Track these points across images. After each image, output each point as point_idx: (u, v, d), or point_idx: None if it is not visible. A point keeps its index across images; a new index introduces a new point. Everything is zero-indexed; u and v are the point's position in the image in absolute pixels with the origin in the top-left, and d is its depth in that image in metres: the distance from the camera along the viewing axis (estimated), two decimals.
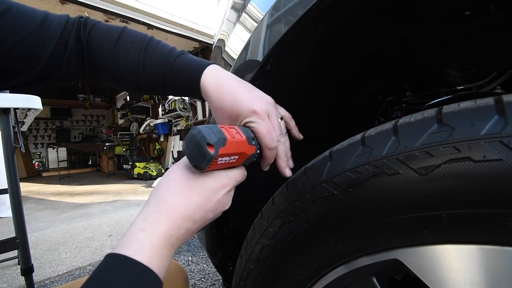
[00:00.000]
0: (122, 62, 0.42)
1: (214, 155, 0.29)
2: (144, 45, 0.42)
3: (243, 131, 0.35)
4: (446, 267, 0.27)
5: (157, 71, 0.42)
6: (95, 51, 0.42)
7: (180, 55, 0.42)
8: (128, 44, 0.42)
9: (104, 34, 0.42)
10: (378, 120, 0.90)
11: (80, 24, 0.42)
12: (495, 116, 0.24)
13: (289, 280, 0.42)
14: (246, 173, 0.38)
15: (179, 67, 0.41)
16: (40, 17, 0.38)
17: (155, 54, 0.42)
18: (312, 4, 0.40)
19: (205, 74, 0.41)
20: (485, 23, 0.48)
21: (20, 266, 1.29)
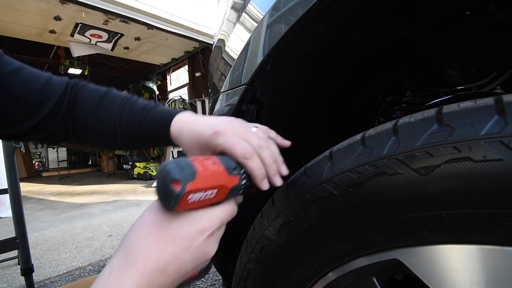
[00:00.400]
0: (103, 116, 0.45)
1: (180, 193, 0.25)
2: (124, 102, 0.45)
3: (222, 160, 0.31)
4: (446, 267, 0.27)
5: (132, 122, 0.44)
6: (79, 108, 0.45)
7: (153, 107, 0.45)
8: (110, 102, 0.45)
9: (90, 93, 0.46)
10: (378, 120, 0.90)
11: (72, 86, 0.47)
12: (495, 116, 0.24)
13: (289, 280, 0.42)
14: (235, 209, 0.33)
15: (152, 117, 0.44)
16: (45, 77, 0.44)
17: (132, 108, 0.45)
18: (312, 4, 0.40)
19: (174, 121, 0.42)
20: (485, 23, 0.48)
21: (20, 266, 1.29)
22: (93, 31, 4.66)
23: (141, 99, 0.47)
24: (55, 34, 4.78)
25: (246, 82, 0.53)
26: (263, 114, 0.58)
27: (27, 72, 0.43)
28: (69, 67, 6.53)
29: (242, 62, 0.55)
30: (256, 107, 0.56)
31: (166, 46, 5.67)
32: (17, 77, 0.41)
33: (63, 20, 4.25)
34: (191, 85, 6.38)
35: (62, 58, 6.41)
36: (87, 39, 4.93)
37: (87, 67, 6.77)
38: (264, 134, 0.38)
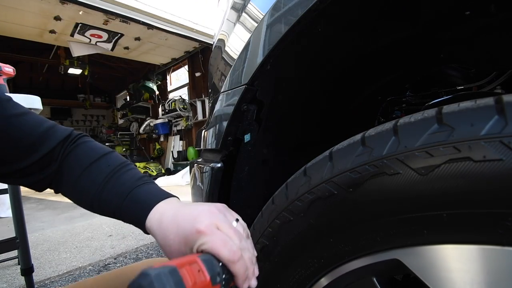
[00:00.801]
0: (84, 184, 0.43)
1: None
2: (115, 171, 0.43)
3: (207, 265, 0.28)
4: (446, 267, 0.27)
5: (110, 203, 0.42)
6: (68, 165, 0.44)
7: (133, 190, 0.41)
8: (98, 171, 0.43)
9: (84, 153, 0.44)
10: (378, 120, 0.90)
11: (72, 140, 0.45)
12: (495, 116, 0.24)
13: (289, 280, 0.42)
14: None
15: (129, 205, 0.40)
16: (48, 125, 0.44)
17: (114, 186, 0.42)
18: (312, 4, 0.40)
19: (151, 213, 0.39)
20: (485, 23, 0.48)
21: (20, 266, 1.29)
22: (93, 31, 4.67)
23: (132, 171, 0.44)
24: (55, 34, 4.78)
25: (246, 82, 0.53)
26: (263, 114, 0.58)
27: (30, 117, 0.43)
28: (69, 67, 6.54)
29: (242, 62, 0.55)
30: (256, 107, 0.56)
31: (166, 46, 5.67)
32: (19, 121, 0.41)
33: (63, 20, 4.25)
34: (191, 85, 6.38)
35: (62, 58, 6.41)
36: (87, 39, 4.93)
37: (87, 67, 6.77)
38: (243, 231, 0.36)
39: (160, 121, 7.06)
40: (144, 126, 7.53)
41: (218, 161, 0.59)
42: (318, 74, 0.61)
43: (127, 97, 9.16)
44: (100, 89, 10.26)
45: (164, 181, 5.24)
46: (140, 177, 0.43)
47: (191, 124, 6.28)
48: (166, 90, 7.47)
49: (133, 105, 8.06)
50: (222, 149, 0.58)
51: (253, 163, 0.63)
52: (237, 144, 0.59)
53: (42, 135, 0.43)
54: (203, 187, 0.63)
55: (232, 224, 0.35)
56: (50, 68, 7.87)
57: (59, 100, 9.40)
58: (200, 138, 0.75)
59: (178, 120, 6.77)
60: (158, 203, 0.39)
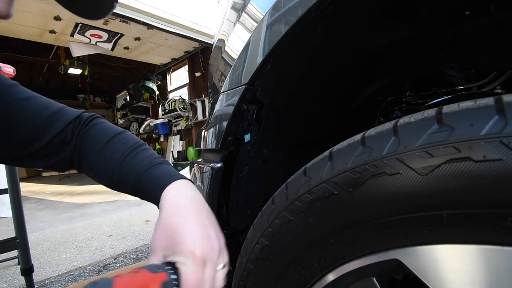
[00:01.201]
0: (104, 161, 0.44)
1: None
2: (128, 152, 0.44)
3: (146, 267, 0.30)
4: (446, 267, 0.27)
5: (128, 178, 0.43)
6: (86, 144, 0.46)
7: (152, 167, 0.42)
8: (115, 147, 0.45)
9: (100, 133, 0.46)
10: (378, 120, 0.90)
11: (86, 121, 0.47)
12: (495, 116, 0.24)
13: (289, 280, 0.42)
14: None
15: (149, 176, 0.42)
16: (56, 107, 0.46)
17: (132, 162, 0.43)
18: (312, 4, 0.40)
19: (168, 188, 0.40)
20: (485, 23, 0.48)
21: (20, 266, 1.29)
22: (93, 31, 4.67)
23: (147, 150, 0.45)
24: (55, 34, 4.78)
25: (246, 82, 0.53)
26: (263, 114, 0.58)
27: (38, 101, 0.45)
28: (69, 67, 6.53)
29: (242, 62, 0.55)
30: (256, 107, 0.57)
31: (166, 46, 5.67)
32: (27, 104, 0.43)
33: (63, 20, 4.25)
34: (191, 85, 6.38)
35: (62, 58, 6.41)
36: (87, 39, 4.93)
37: (87, 67, 6.77)
38: (221, 282, 0.36)
39: (160, 121, 7.06)
40: (144, 126, 7.53)
41: (218, 161, 0.59)
42: (318, 74, 0.61)
43: (127, 97, 9.16)
44: (100, 89, 10.26)
45: None
46: (156, 157, 0.45)
47: (191, 124, 6.28)
48: (166, 90, 7.46)
49: (133, 105, 8.06)
50: (222, 149, 0.58)
51: (253, 163, 0.63)
52: (237, 144, 0.59)
53: (50, 117, 0.44)
54: (203, 187, 0.63)
55: (217, 267, 0.35)
56: (50, 68, 7.87)
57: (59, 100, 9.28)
58: (200, 138, 0.75)
59: (178, 120, 6.77)
60: (175, 181, 0.41)
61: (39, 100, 0.45)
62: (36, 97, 0.45)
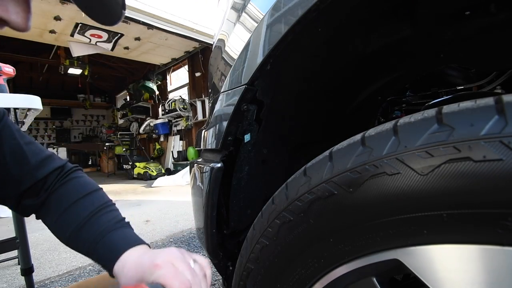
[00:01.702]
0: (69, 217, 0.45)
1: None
2: (96, 210, 0.45)
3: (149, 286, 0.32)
4: (446, 267, 0.27)
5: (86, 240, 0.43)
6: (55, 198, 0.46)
7: (106, 236, 0.42)
8: (86, 204, 0.45)
9: (72, 189, 0.47)
10: (378, 120, 0.90)
11: (65, 173, 0.48)
12: (495, 116, 0.24)
13: (289, 280, 0.42)
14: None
15: (102, 247, 0.42)
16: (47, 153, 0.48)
17: (96, 223, 0.44)
18: (312, 4, 0.40)
19: (118, 262, 0.40)
20: (485, 23, 0.48)
21: (20, 266, 1.29)
22: (93, 31, 4.67)
23: (112, 213, 0.46)
24: (55, 34, 4.78)
25: (246, 82, 0.53)
26: (263, 114, 0.58)
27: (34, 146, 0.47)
28: (69, 67, 6.54)
29: (242, 62, 0.55)
30: (256, 107, 0.57)
31: (166, 46, 5.68)
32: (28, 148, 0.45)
33: (63, 20, 4.26)
34: (191, 85, 6.38)
35: (62, 58, 6.41)
36: (87, 39, 4.93)
37: (87, 67, 6.77)
38: (200, 272, 0.39)
39: (160, 121, 7.06)
40: (144, 126, 7.53)
41: (218, 161, 0.59)
42: (318, 74, 0.61)
43: (127, 97, 9.16)
44: (100, 89, 10.26)
45: (164, 181, 5.23)
46: (118, 220, 0.45)
47: (191, 124, 6.28)
48: (166, 90, 7.47)
49: (133, 105, 8.06)
50: (222, 149, 0.58)
51: (253, 163, 0.63)
52: (237, 144, 0.59)
53: (40, 162, 0.46)
54: (203, 187, 0.63)
55: (189, 263, 0.38)
56: (50, 68, 7.87)
57: (59, 100, 9.40)
58: (200, 138, 0.75)
59: (178, 120, 6.77)
60: (126, 250, 0.41)
61: (35, 146, 0.47)
62: (34, 143, 0.48)
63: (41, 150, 0.48)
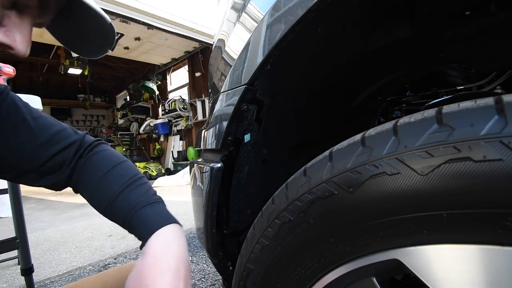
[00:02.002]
0: (101, 190, 0.45)
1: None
2: (128, 183, 0.45)
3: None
4: (446, 267, 0.27)
5: (123, 211, 0.43)
6: (87, 171, 0.47)
7: (145, 206, 0.43)
8: (116, 176, 0.46)
9: (101, 161, 0.47)
10: (378, 120, 0.90)
11: (89, 145, 0.48)
12: (495, 116, 0.24)
13: (289, 280, 0.42)
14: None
15: (140, 217, 0.42)
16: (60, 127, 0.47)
17: (130, 195, 0.44)
18: (312, 4, 0.40)
19: (154, 237, 0.41)
20: (485, 23, 0.48)
21: (20, 266, 1.29)
22: None
23: (144, 185, 0.46)
24: None
25: (246, 82, 0.53)
26: (263, 114, 0.58)
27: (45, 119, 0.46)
28: (69, 67, 6.54)
29: (242, 62, 0.55)
30: (256, 107, 0.57)
31: (166, 46, 5.68)
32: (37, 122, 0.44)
33: None
34: (191, 85, 6.38)
35: (62, 58, 6.42)
36: None
37: (87, 67, 6.78)
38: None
39: (160, 121, 7.06)
40: (144, 126, 7.53)
41: (218, 161, 0.59)
42: (318, 74, 0.61)
43: (127, 97, 9.16)
44: (100, 89, 10.26)
45: (164, 181, 5.24)
46: (152, 194, 0.46)
47: (191, 124, 6.28)
48: (166, 90, 7.47)
49: (133, 105, 8.07)
50: (222, 149, 0.58)
51: (253, 163, 0.63)
52: (237, 144, 0.59)
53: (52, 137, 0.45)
54: (203, 187, 0.63)
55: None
56: (50, 68, 7.87)
57: (59, 100, 9.40)
58: (200, 138, 0.75)
59: (178, 120, 6.77)
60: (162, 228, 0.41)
61: (44, 120, 0.46)
62: (43, 117, 0.47)
63: (52, 124, 0.47)
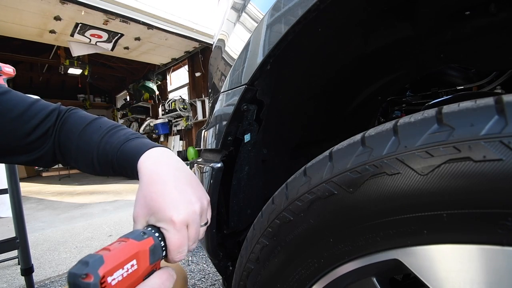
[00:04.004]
0: (83, 144, 0.45)
1: (96, 281, 0.24)
2: (105, 132, 0.44)
3: (129, 235, 0.31)
4: (446, 267, 0.27)
5: (108, 154, 0.43)
6: (64, 133, 0.46)
7: (131, 139, 0.43)
8: (92, 130, 0.45)
9: (76, 120, 0.47)
10: (378, 120, 0.90)
11: (63, 112, 0.48)
12: (495, 116, 0.24)
13: (289, 280, 0.42)
14: (171, 274, 0.33)
15: (125, 148, 0.42)
16: (30, 101, 0.45)
17: (110, 139, 0.44)
18: (312, 4, 0.40)
19: (143, 157, 0.40)
20: (485, 23, 0.48)
21: (20, 266, 1.29)
22: (93, 31, 4.66)
23: (124, 129, 0.46)
24: (55, 34, 4.78)
25: (246, 82, 0.53)
26: (263, 114, 0.58)
27: (13, 94, 0.44)
28: (69, 67, 6.53)
29: (242, 62, 0.55)
30: (256, 107, 0.57)
31: (166, 46, 5.67)
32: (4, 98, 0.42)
33: (63, 20, 4.25)
34: (191, 85, 6.38)
35: (62, 58, 6.41)
36: (87, 39, 4.93)
37: (87, 67, 6.77)
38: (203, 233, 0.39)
39: (160, 121, 7.06)
40: (144, 126, 7.53)
41: (218, 161, 0.59)
42: (318, 74, 0.61)
43: (127, 97, 9.16)
44: (100, 89, 10.26)
45: None
46: (132, 133, 0.45)
47: (191, 124, 6.28)
48: (166, 90, 7.47)
49: (133, 105, 8.06)
50: (222, 149, 0.58)
51: (253, 163, 0.63)
52: (237, 144, 0.59)
53: (26, 111, 0.44)
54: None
55: (199, 225, 0.38)
56: (50, 68, 7.87)
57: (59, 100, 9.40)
58: (200, 138, 0.75)
59: (178, 120, 6.77)
60: (152, 148, 0.41)
61: (12, 96, 0.44)
62: (11, 92, 0.44)
63: (24, 97, 0.45)
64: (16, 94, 0.45)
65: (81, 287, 0.24)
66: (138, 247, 0.29)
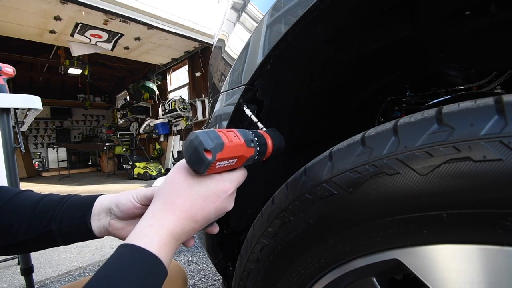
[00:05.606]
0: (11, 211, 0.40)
1: (211, 161, 0.30)
2: (39, 197, 0.42)
3: (241, 133, 0.36)
4: (446, 267, 0.27)
5: (48, 212, 0.41)
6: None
7: (71, 198, 0.43)
8: (24, 198, 0.42)
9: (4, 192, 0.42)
10: (378, 120, 0.90)
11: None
12: (495, 116, 0.24)
13: (289, 280, 0.42)
14: (246, 174, 0.40)
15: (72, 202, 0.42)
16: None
17: (50, 199, 0.42)
18: (312, 4, 0.40)
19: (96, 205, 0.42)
20: (485, 23, 0.48)
21: (20, 266, 1.29)
22: (93, 31, 4.66)
23: (57, 195, 0.44)
24: (55, 34, 4.78)
25: (246, 82, 0.53)
26: (263, 114, 0.58)
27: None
28: (69, 67, 6.53)
29: (242, 62, 0.55)
30: (256, 107, 0.56)
31: (166, 46, 5.67)
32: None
33: (63, 20, 4.25)
34: (191, 85, 6.38)
35: (62, 58, 6.41)
36: (87, 39, 4.93)
37: (87, 67, 6.77)
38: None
39: (160, 121, 7.06)
40: (144, 126, 7.53)
41: None
42: (318, 74, 0.60)
43: (127, 97, 9.16)
44: (100, 89, 10.26)
45: None
46: (66, 195, 0.44)
47: (191, 124, 6.28)
48: (166, 90, 7.47)
49: (133, 105, 8.06)
50: None
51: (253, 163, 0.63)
52: None
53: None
54: None
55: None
56: (50, 68, 7.87)
57: (59, 100, 9.40)
58: None
59: (178, 120, 6.77)
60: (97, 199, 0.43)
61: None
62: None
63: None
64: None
65: (200, 155, 0.30)
66: (245, 152, 0.35)
